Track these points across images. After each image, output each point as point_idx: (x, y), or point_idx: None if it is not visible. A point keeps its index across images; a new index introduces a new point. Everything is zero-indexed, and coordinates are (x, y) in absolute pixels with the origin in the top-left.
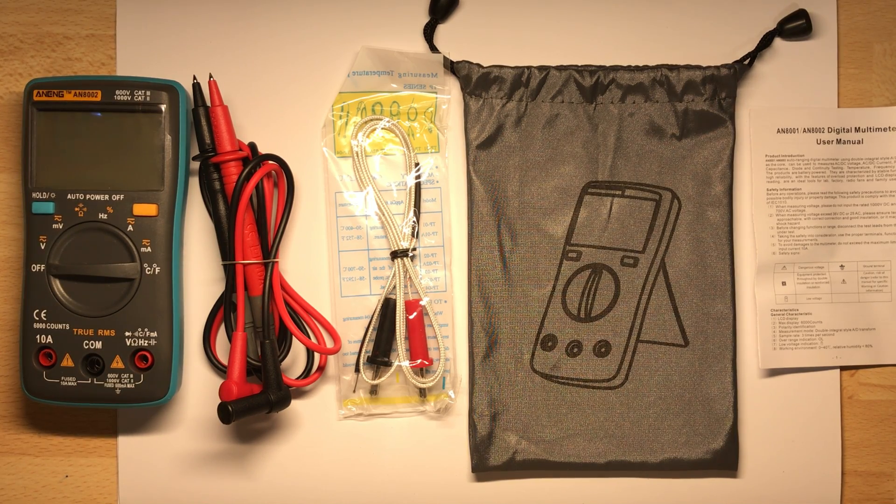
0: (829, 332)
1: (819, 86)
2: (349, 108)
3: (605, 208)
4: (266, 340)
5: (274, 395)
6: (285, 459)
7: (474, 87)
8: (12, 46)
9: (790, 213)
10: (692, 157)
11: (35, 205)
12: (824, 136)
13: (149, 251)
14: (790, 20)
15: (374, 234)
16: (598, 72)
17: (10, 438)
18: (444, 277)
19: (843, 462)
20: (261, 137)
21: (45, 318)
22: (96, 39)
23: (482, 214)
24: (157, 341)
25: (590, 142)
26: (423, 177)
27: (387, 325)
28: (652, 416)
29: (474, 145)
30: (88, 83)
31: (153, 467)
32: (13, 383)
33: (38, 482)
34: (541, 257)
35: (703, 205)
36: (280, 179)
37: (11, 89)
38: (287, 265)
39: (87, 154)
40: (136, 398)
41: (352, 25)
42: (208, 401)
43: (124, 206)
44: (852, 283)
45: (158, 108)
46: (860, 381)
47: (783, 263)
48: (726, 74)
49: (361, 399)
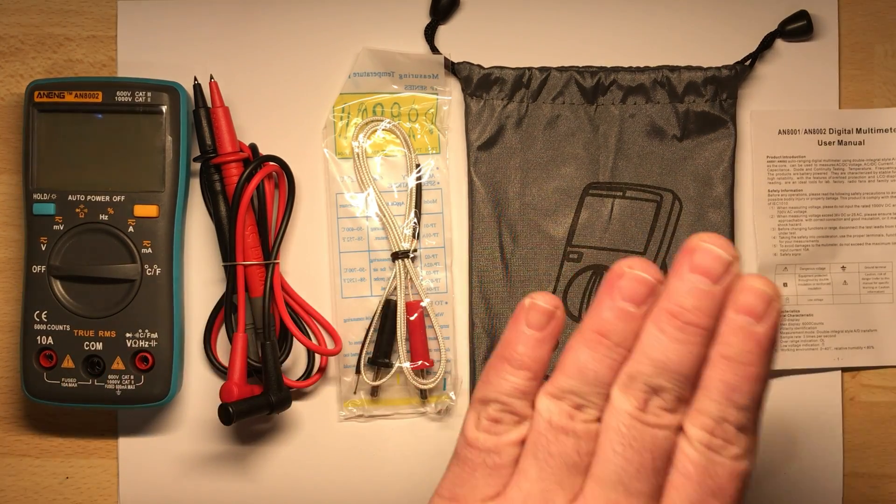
0: (830, 334)
1: (820, 87)
2: (350, 110)
3: (606, 209)
4: (267, 342)
5: (274, 396)
6: (286, 461)
7: (475, 89)
8: (13, 48)
9: (791, 215)
10: (693, 159)
11: (36, 206)
12: (825, 137)
13: (149, 252)
14: (791, 21)
15: (375, 235)
16: (599, 73)
17: (10, 440)
18: (445, 279)
19: (844, 464)
20: (262, 138)
21: (45, 319)
22: (97, 41)
23: (483, 215)
24: (158, 342)
25: (591, 143)
26: (424, 178)
27: (387, 326)
28: None
29: (475, 146)
30: (89, 84)
31: (154, 468)
32: (13, 384)
33: (39, 483)
34: (542, 258)
35: (705, 206)
36: (281, 180)
37: (12, 90)
38: (288, 266)
39: (88, 155)
40: (137, 399)
41: (353, 27)
42: (209, 402)
43: (125, 208)
44: (854, 284)
45: (159, 110)
46: (862, 382)
47: (784, 265)
48: (727, 75)
49: (362, 400)
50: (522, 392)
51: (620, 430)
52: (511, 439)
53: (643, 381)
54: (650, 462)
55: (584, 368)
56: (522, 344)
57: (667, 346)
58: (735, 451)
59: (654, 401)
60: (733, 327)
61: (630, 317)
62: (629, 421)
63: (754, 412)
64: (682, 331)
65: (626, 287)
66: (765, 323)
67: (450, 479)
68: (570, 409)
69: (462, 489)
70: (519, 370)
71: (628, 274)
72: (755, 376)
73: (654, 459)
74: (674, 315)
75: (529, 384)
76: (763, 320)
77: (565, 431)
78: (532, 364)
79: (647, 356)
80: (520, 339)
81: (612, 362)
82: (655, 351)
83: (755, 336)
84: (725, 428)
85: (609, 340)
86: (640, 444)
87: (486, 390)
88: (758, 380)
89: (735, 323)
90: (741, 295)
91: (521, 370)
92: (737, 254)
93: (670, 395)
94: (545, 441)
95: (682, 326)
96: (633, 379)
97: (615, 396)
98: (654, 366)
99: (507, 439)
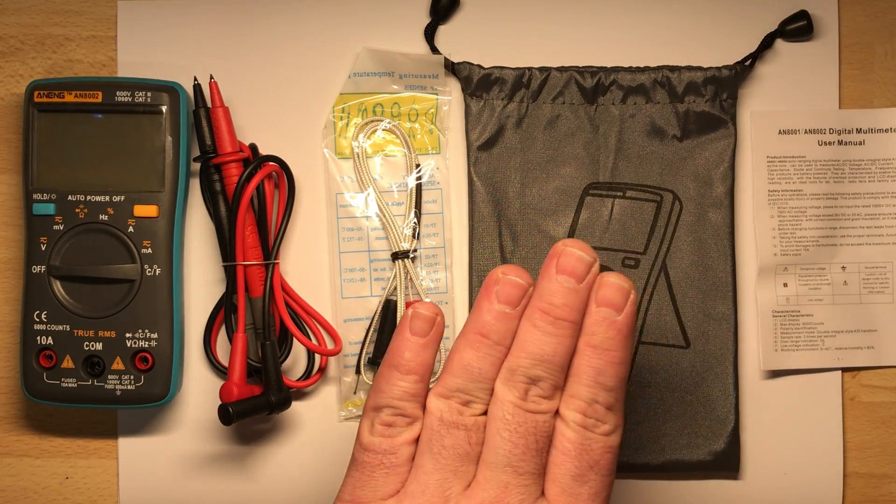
0: (830, 334)
1: (820, 87)
2: (350, 110)
3: (606, 209)
4: (267, 342)
5: (274, 396)
6: (286, 461)
7: (475, 89)
8: (13, 48)
9: (792, 215)
10: (693, 159)
11: (36, 206)
12: (826, 137)
13: (149, 252)
14: (791, 21)
15: (375, 235)
16: (599, 73)
17: (10, 440)
18: (445, 279)
19: (844, 464)
20: (261, 138)
21: (45, 319)
22: (97, 41)
23: (483, 216)
24: (158, 342)
25: (591, 143)
26: (424, 178)
27: (388, 326)
28: (653, 417)
29: (475, 146)
30: (89, 84)
31: (154, 469)
32: (13, 385)
33: (39, 484)
34: (542, 258)
35: (705, 206)
36: (281, 180)
37: (12, 91)
38: (288, 266)
39: (87, 155)
40: (137, 399)
41: (352, 27)
42: (209, 402)
43: (125, 208)
44: (854, 284)
45: (159, 110)
46: (862, 382)
47: (784, 265)
48: (727, 75)
49: (362, 400)
50: (412, 395)
51: (505, 419)
52: (405, 439)
53: (522, 373)
54: (534, 444)
55: (469, 367)
56: (408, 350)
57: (541, 340)
58: (606, 428)
59: (533, 390)
60: (597, 318)
61: (507, 317)
62: (513, 409)
63: (620, 392)
64: (554, 325)
65: (502, 291)
66: (624, 313)
67: (350, 484)
68: (458, 406)
69: (363, 490)
70: (407, 375)
71: (503, 279)
72: (619, 360)
73: (537, 441)
74: (545, 312)
75: (417, 387)
76: (622, 311)
77: (456, 426)
78: (418, 368)
79: (525, 350)
80: (405, 345)
81: (493, 359)
82: (531, 345)
83: (616, 325)
84: (596, 408)
85: (490, 340)
86: (524, 429)
87: (377, 398)
88: (621, 363)
89: (599, 315)
90: (602, 290)
91: (409, 374)
92: (596, 255)
93: (547, 384)
94: (438, 436)
95: (553, 321)
96: (513, 372)
97: (498, 389)
98: (531, 358)
99: (402, 439)
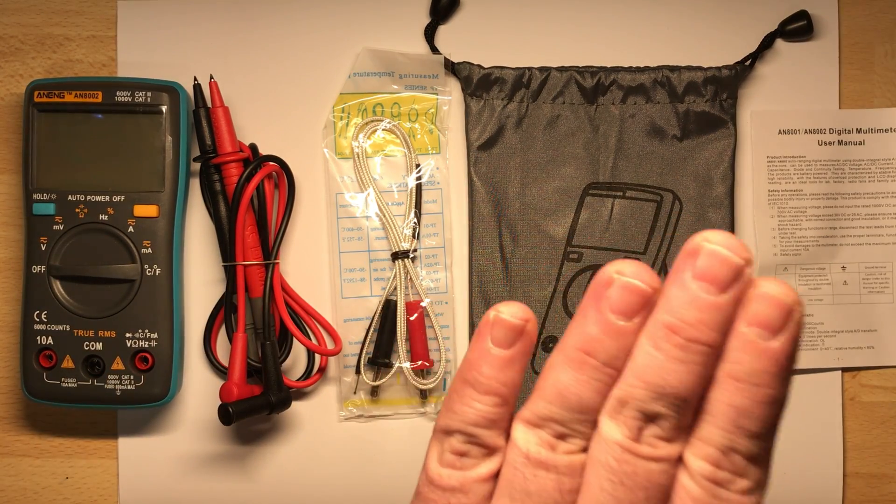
0: (830, 334)
1: (820, 87)
2: (350, 110)
3: (606, 209)
4: (266, 342)
5: (274, 396)
6: (286, 461)
7: (475, 89)
8: (13, 48)
9: (792, 215)
10: (693, 159)
11: (36, 206)
12: (826, 137)
13: (149, 252)
14: (791, 21)
15: (375, 235)
16: (599, 73)
17: (10, 440)
18: (445, 279)
19: (844, 464)
20: (261, 138)
21: (45, 319)
22: (97, 41)
23: (483, 215)
24: (158, 342)
25: (591, 143)
26: (424, 178)
27: (387, 326)
28: None
29: (475, 146)
30: (89, 84)
31: (153, 469)
32: (13, 385)
33: (39, 483)
34: (542, 258)
35: (705, 206)
36: (281, 180)
37: (12, 90)
38: (288, 266)
39: (87, 155)
40: (137, 399)
41: (352, 27)
42: (209, 402)
43: (125, 208)
44: (854, 284)
45: (159, 110)
46: (862, 382)
47: (784, 265)
48: (727, 75)
49: (362, 400)
50: (490, 420)
51: (610, 464)
52: (479, 475)
53: (636, 406)
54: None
55: (567, 392)
56: (488, 365)
57: (664, 367)
58: (744, 485)
59: (649, 429)
60: (744, 342)
61: (620, 332)
62: (620, 453)
63: (768, 440)
64: (683, 349)
65: (615, 297)
66: (782, 337)
67: None
68: (550, 440)
69: None
70: (485, 395)
71: (618, 281)
72: (770, 399)
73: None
74: (673, 330)
75: (498, 411)
76: (780, 334)
77: (545, 466)
78: (500, 388)
79: (641, 378)
80: (484, 358)
81: (599, 385)
82: (650, 372)
83: (770, 353)
84: (733, 459)
85: (595, 360)
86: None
87: (448, 419)
88: (773, 403)
89: (746, 337)
90: (754, 304)
91: (488, 395)
92: (750, 255)
93: (668, 423)
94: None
95: (682, 344)
96: (623, 404)
97: (603, 424)
98: (648, 389)
99: (475, 475)
